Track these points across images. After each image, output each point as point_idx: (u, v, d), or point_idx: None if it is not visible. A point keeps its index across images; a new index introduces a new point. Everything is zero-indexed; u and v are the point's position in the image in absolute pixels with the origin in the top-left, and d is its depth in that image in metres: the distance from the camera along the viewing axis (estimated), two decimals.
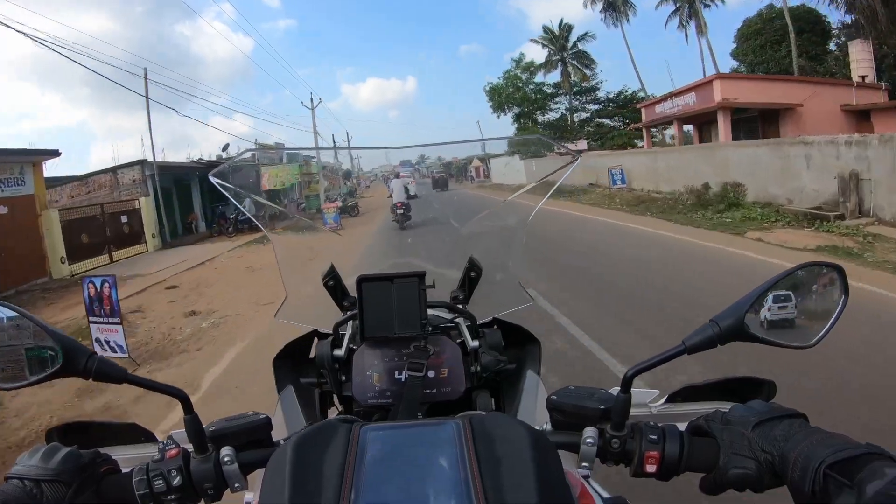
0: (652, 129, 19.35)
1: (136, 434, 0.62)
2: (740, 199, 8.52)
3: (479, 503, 0.39)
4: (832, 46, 18.64)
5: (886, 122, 11.52)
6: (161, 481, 0.50)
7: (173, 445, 0.53)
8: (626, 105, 24.55)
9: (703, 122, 15.33)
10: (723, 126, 13.35)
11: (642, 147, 19.72)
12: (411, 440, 0.48)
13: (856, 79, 13.32)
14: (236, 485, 0.53)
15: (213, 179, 0.88)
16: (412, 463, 0.45)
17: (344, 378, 0.82)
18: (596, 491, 0.61)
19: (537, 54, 28.59)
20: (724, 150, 10.47)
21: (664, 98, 16.29)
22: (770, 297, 0.53)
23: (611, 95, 26.24)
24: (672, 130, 19.06)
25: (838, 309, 0.54)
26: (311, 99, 25.60)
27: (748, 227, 7.11)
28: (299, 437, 0.47)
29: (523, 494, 0.40)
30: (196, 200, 15.48)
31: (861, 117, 12.77)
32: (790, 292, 0.54)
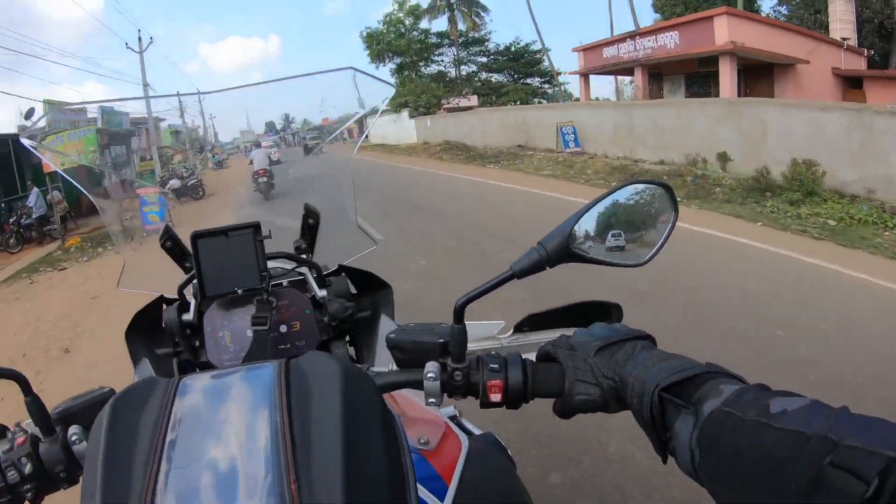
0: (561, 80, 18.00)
1: None
2: (817, 187, 5.78)
3: (286, 443, 0.39)
4: None
5: (879, 92, 10.08)
6: (14, 472, 0.49)
7: (21, 433, 0.52)
8: (519, 58, 23.14)
9: (688, 73, 12.26)
10: (728, 77, 10.28)
11: (544, 103, 18.72)
12: (228, 386, 0.48)
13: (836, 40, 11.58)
14: None
15: (26, 142, 0.80)
16: (227, 410, 0.45)
17: (198, 343, 0.80)
18: (465, 428, 0.61)
19: None
20: (760, 109, 7.01)
21: (618, 39, 12.86)
22: (596, 216, 0.53)
23: (500, 48, 23.93)
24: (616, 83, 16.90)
25: (668, 227, 0.55)
26: (140, 39, 15.93)
27: (865, 233, 4.59)
28: (117, 395, 0.45)
29: (328, 427, 0.40)
30: None
31: (851, 84, 11.19)
32: (617, 211, 0.55)
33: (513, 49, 23.47)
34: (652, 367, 0.42)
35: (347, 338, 0.89)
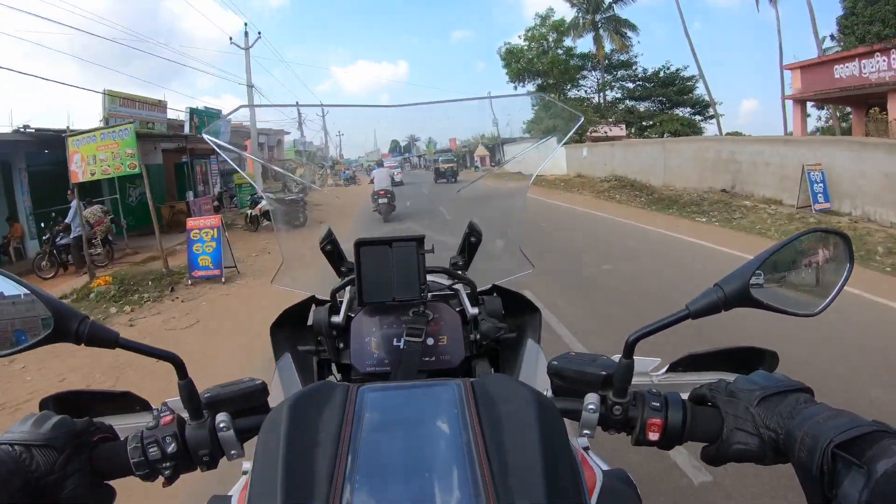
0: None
1: (131, 403, 0.63)
2: None
3: (482, 466, 0.39)
4: None
5: None
6: (155, 448, 0.51)
7: (168, 412, 0.53)
8: (669, 84, 20.88)
9: None
10: None
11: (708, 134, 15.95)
12: (411, 401, 0.49)
13: None
14: (232, 452, 0.54)
15: (207, 137, 0.89)
16: (412, 424, 0.45)
17: (342, 345, 0.83)
18: (595, 462, 0.61)
19: (565, 14, 22.29)
20: None
21: (861, 53, 9.58)
22: (775, 263, 0.53)
23: (647, 72, 21.64)
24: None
25: (843, 277, 0.54)
26: (246, 34, 13.08)
27: None
28: (295, 397, 0.47)
29: (527, 457, 0.40)
30: (21, 199, 8.16)
31: None
32: (795, 259, 0.55)
33: (661, 74, 21.35)
34: (823, 422, 0.42)
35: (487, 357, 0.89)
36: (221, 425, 0.53)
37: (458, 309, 0.84)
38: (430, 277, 0.87)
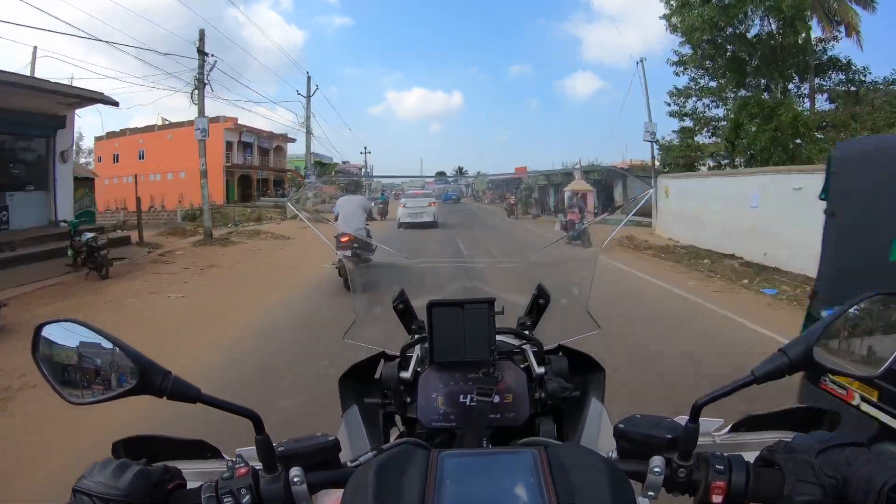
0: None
1: (203, 450, 0.66)
2: None
3: None
4: None
5: None
6: (230, 499, 0.53)
7: (243, 464, 0.56)
8: None
9: None
10: None
11: None
12: (489, 468, 0.52)
13: None
14: None
15: (291, 206, 0.99)
16: (490, 491, 0.49)
17: (409, 400, 0.87)
18: None
19: None
20: None
21: None
22: (839, 327, 0.56)
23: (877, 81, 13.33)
24: None
25: None
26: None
27: None
28: (380, 460, 0.51)
29: None
30: None
31: None
32: (858, 322, 0.58)
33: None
34: (878, 466, 0.45)
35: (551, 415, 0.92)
36: (295, 479, 0.56)
37: (523, 366, 0.88)
38: (498, 337, 0.91)
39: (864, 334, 0.58)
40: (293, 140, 32.83)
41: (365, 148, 32.67)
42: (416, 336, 0.97)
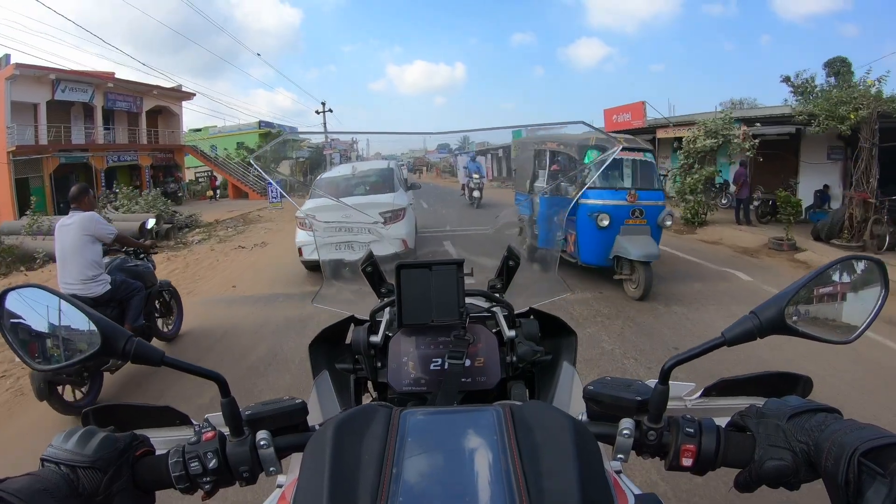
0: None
1: (171, 417, 0.70)
2: None
3: (520, 491, 0.44)
4: None
5: None
6: (197, 463, 0.57)
7: (209, 428, 0.61)
8: None
9: None
10: None
11: None
12: (451, 426, 0.55)
13: None
14: (271, 468, 0.61)
15: (254, 163, 1.01)
16: (452, 449, 0.51)
17: (379, 365, 0.92)
18: (627, 486, 0.66)
19: None
20: None
21: None
22: (810, 292, 0.59)
23: None
24: None
25: (878, 303, 0.59)
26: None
27: None
28: (339, 419, 0.53)
29: (563, 483, 0.45)
30: None
31: None
32: (830, 287, 0.60)
33: None
34: (849, 433, 0.48)
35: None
36: (262, 443, 0.60)
37: (494, 331, 0.95)
38: (468, 300, 0.98)
39: (835, 299, 0.60)
40: (190, 96, 24.54)
41: (323, 104, 26.75)
42: (385, 300, 1.02)
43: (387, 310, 0.99)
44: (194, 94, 25.15)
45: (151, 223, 4.75)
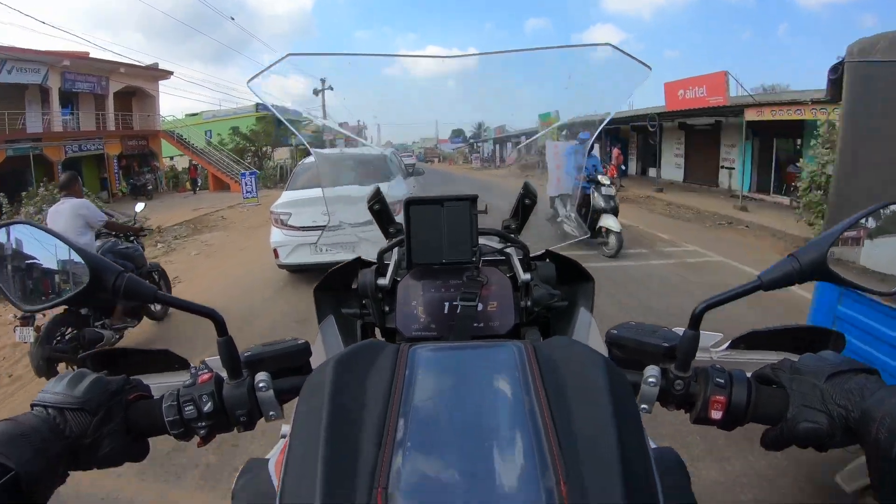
0: None
1: (170, 361, 0.77)
2: None
3: (549, 434, 0.46)
4: None
5: None
6: (191, 407, 0.62)
7: (206, 370, 0.66)
8: None
9: None
10: None
11: None
12: (467, 362, 0.58)
13: None
14: (271, 413, 0.67)
15: (252, 88, 1.05)
16: (468, 387, 0.53)
17: (387, 309, 1.00)
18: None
19: None
20: None
21: None
22: (854, 236, 0.62)
23: None
24: None
25: None
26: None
27: None
28: (340, 355, 0.56)
29: (596, 425, 0.47)
30: None
31: None
32: (873, 232, 0.63)
33: None
34: None
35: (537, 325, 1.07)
36: (261, 385, 0.66)
37: (509, 275, 1.02)
38: (481, 240, 1.04)
39: (879, 247, 0.63)
40: (167, 74, 25.00)
41: (323, 82, 26.83)
42: (394, 239, 1.09)
43: (395, 250, 1.07)
44: (171, 73, 25.57)
45: (140, 207, 5.69)
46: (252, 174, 17.88)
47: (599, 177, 7.52)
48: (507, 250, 1.09)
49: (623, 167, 17.56)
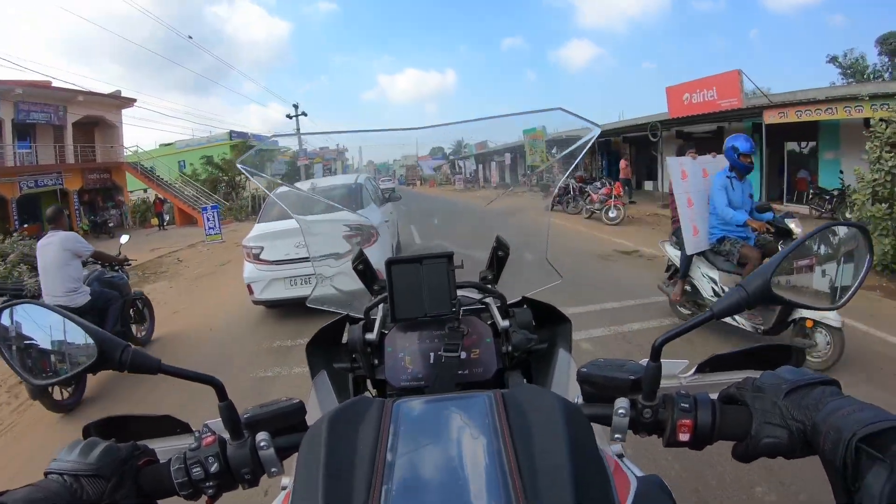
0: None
1: (172, 426, 0.87)
2: None
3: (512, 472, 0.56)
4: None
5: None
6: (199, 468, 0.72)
7: (209, 433, 0.76)
8: None
9: None
10: None
11: None
12: (444, 413, 0.68)
13: None
14: (273, 469, 0.77)
15: (241, 167, 1.22)
16: (446, 435, 0.64)
17: (376, 361, 1.12)
18: (629, 469, 0.78)
19: None
20: None
21: None
22: (795, 260, 0.73)
23: None
24: None
25: (864, 269, 0.73)
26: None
27: None
28: (334, 412, 0.66)
29: (555, 462, 0.56)
30: None
31: None
32: (815, 255, 0.75)
33: None
34: (848, 415, 0.58)
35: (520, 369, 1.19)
36: (262, 444, 0.76)
37: (489, 322, 1.16)
38: (460, 292, 1.17)
39: (820, 266, 0.75)
40: (129, 102, 25.08)
41: (295, 107, 29.68)
42: (378, 297, 1.23)
43: (381, 306, 1.20)
44: (134, 101, 25.37)
45: (125, 239, 6.53)
46: (214, 208, 17.59)
47: (789, 222, 4.50)
48: (486, 300, 1.24)
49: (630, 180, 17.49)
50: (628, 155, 21.40)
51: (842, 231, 0.76)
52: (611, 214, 13.34)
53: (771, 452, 0.67)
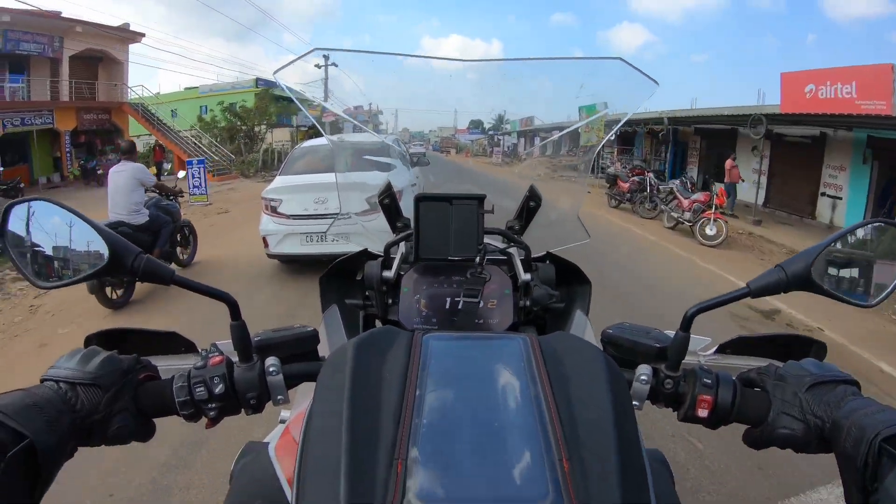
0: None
1: (177, 343, 0.93)
2: None
3: (553, 420, 0.59)
4: None
5: None
6: (202, 388, 0.75)
7: (217, 353, 0.80)
8: None
9: None
10: None
11: None
12: (476, 352, 0.73)
13: None
14: (279, 397, 0.81)
15: (277, 79, 1.27)
16: (478, 375, 0.67)
17: (390, 301, 1.19)
18: None
19: None
20: None
21: None
22: (836, 251, 0.80)
23: None
24: None
25: None
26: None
27: None
28: (359, 339, 0.70)
29: (597, 413, 0.60)
30: None
31: None
32: (857, 248, 0.82)
33: None
34: (871, 415, 0.63)
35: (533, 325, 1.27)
36: (271, 369, 0.79)
37: (509, 274, 1.22)
38: (486, 239, 1.23)
39: (861, 262, 0.81)
40: (137, 36, 24.80)
41: (325, 58, 28.29)
42: (401, 234, 1.29)
43: (401, 245, 1.27)
44: (142, 35, 25.06)
45: (182, 174, 10.47)
46: (200, 163, 16.73)
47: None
48: (510, 250, 1.32)
49: (735, 186, 14.77)
50: (693, 148, 20.50)
51: (889, 229, 0.82)
52: (708, 231, 10.95)
53: (784, 443, 0.73)
